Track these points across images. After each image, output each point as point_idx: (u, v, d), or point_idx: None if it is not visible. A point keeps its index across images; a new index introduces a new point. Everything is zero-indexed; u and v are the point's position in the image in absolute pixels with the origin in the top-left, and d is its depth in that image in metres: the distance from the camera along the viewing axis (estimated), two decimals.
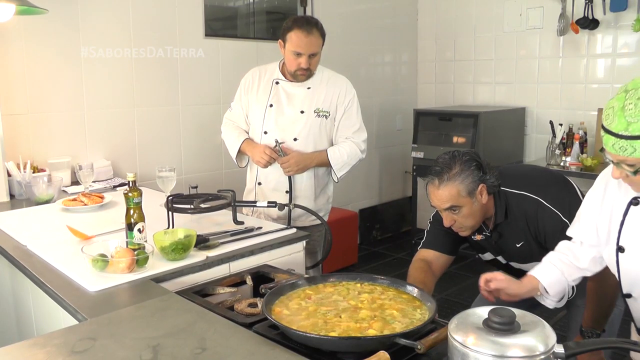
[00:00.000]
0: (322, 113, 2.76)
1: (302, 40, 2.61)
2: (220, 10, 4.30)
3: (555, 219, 1.93)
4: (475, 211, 1.95)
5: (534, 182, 2.04)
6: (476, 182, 1.91)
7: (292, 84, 2.76)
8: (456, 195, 1.91)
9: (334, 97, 2.78)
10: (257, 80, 2.82)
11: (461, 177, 1.90)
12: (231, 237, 2.15)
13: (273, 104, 2.76)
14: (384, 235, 5.61)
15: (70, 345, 1.34)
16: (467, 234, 2.04)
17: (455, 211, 1.94)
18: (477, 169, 1.93)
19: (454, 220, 1.98)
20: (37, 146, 3.24)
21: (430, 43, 5.56)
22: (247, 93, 2.82)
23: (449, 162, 1.94)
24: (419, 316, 1.45)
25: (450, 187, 1.91)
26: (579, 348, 1.21)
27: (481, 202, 1.94)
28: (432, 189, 1.96)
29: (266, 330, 1.42)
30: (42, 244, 2.13)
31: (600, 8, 4.26)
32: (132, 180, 1.96)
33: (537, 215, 1.95)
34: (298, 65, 2.65)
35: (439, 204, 1.96)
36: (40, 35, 3.21)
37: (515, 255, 2.09)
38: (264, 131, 2.76)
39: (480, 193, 1.93)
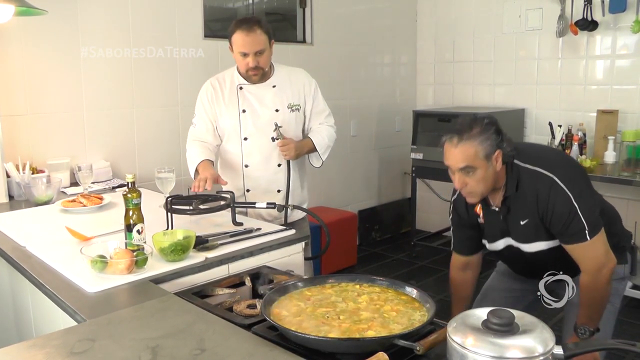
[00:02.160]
0: (295, 107, 2.81)
1: (245, 40, 2.62)
2: (219, 11, 4.30)
3: (566, 201, 1.89)
4: (488, 177, 1.92)
5: (550, 160, 2.00)
6: (494, 147, 1.90)
7: (256, 87, 2.76)
8: (473, 156, 1.88)
9: (300, 90, 2.83)
10: (219, 90, 2.78)
11: (480, 138, 1.88)
12: (230, 238, 2.15)
13: (246, 109, 2.75)
14: (383, 236, 5.62)
15: (70, 346, 1.34)
16: (474, 200, 2.01)
17: (469, 173, 1.92)
18: (496, 134, 1.92)
19: (466, 184, 1.95)
20: (36, 147, 3.24)
21: (429, 44, 5.56)
22: (213, 105, 2.77)
23: (470, 122, 1.93)
24: (418, 317, 1.45)
25: (468, 146, 1.89)
26: (577, 349, 1.21)
27: (495, 168, 1.92)
28: (449, 148, 1.95)
29: (265, 332, 1.42)
30: (41, 245, 2.13)
31: (599, 9, 4.26)
32: (131, 181, 1.96)
33: (549, 194, 1.91)
34: (246, 65, 2.66)
35: (454, 163, 1.93)
36: (40, 36, 3.21)
37: (520, 235, 2.06)
38: (243, 137, 2.76)
39: (496, 159, 1.91)
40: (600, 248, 1.91)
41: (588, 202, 1.91)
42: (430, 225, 5.55)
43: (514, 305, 2.28)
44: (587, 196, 1.92)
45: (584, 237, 1.88)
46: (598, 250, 1.90)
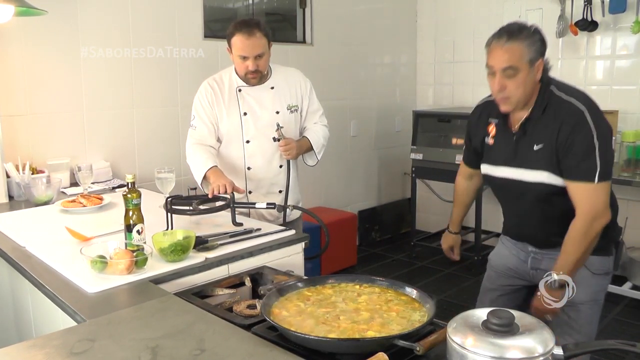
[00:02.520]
0: (293, 108, 2.83)
1: (245, 44, 2.60)
2: (219, 11, 4.31)
3: (589, 136, 1.89)
4: (527, 84, 1.93)
5: (585, 97, 2.00)
6: (539, 53, 1.93)
7: (255, 88, 2.75)
8: (519, 57, 1.90)
9: (297, 90, 2.85)
10: (219, 91, 2.75)
11: (528, 41, 1.91)
12: (230, 239, 2.15)
13: (247, 112, 2.74)
14: (383, 237, 5.62)
15: (69, 346, 1.34)
16: (508, 108, 1.99)
17: (510, 76, 1.92)
18: (542, 43, 1.95)
19: (505, 87, 1.94)
20: (36, 147, 3.24)
21: (429, 44, 5.57)
22: (214, 106, 2.74)
23: (519, 26, 1.95)
24: (418, 317, 1.45)
25: (516, 46, 1.90)
26: (577, 350, 1.21)
27: (535, 77, 1.94)
28: (496, 46, 1.94)
29: (265, 332, 1.42)
30: (41, 245, 2.13)
31: (599, 10, 4.26)
32: (131, 182, 1.96)
33: (575, 125, 1.91)
34: (246, 68, 2.65)
35: (499, 62, 1.93)
36: (40, 36, 3.21)
37: (526, 160, 2.03)
38: (246, 140, 2.75)
39: (537, 67, 1.93)
40: (603, 196, 1.91)
41: (607, 148, 1.91)
42: (430, 226, 5.55)
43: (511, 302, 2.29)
44: (608, 143, 1.91)
45: (592, 178, 1.88)
46: (600, 197, 1.90)
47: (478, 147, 2.25)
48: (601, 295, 2.15)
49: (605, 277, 2.14)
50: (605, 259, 2.10)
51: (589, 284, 2.06)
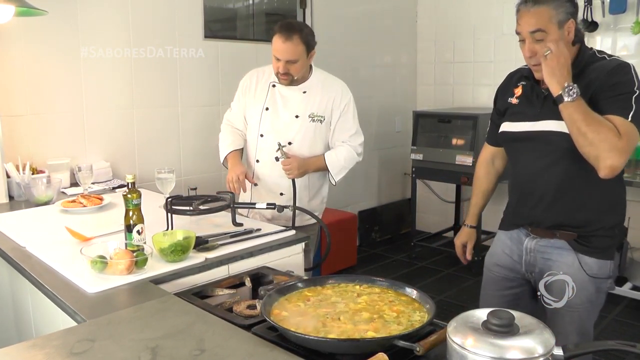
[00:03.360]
0: (317, 118, 2.77)
1: (280, 46, 2.63)
2: (219, 11, 4.31)
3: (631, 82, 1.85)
4: None
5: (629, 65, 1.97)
6: (567, 15, 1.90)
7: (287, 88, 2.77)
8: (547, 20, 1.88)
9: (329, 102, 2.79)
10: (255, 82, 2.85)
11: (555, 3, 1.89)
12: (230, 239, 2.15)
13: (269, 107, 2.79)
14: (383, 237, 5.62)
15: (69, 346, 1.34)
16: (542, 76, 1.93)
17: (539, 40, 1.90)
18: (571, 3, 1.93)
19: (535, 52, 1.92)
20: (36, 147, 3.24)
21: (429, 45, 5.57)
22: (245, 95, 2.87)
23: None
24: (418, 318, 1.45)
25: (543, 9, 1.89)
26: (578, 350, 1.21)
27: (567, 39, 1.91)
28: (523, 11, 1.94)
29: (265, 332, 1.42)
30: (41, 245, 2.13)
31: (599, 10, 4.26)
32: (131, 182, 1.96)
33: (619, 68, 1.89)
34: (277, 69, 2.69)
35: (526, 26, 1.92)
36: (40, 36, 3.21)
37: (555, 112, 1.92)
38: (260, 134, 2.81)
39: (568, 29, 1.91)
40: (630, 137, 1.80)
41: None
42: (430, 226, 5.55)
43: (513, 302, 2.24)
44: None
45: (626, 115, 1.81)
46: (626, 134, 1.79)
47: (501, 111, 2.21)
48: (599, 298, 2.07)
49: (604, 281, 2.05)
50: (605, 262, 2.02)
51: (585, 287, 2.00)
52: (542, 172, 2.04)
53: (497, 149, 2.33)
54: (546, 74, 1.86)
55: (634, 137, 1.82)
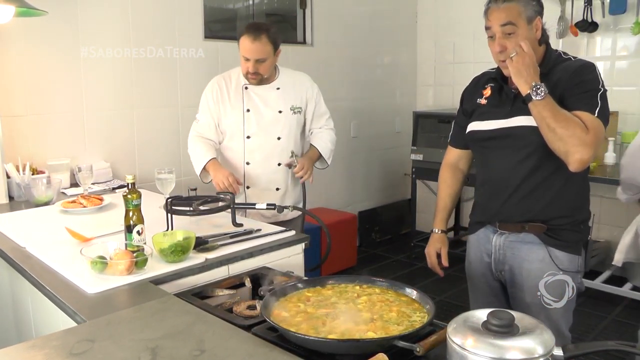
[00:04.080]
0: (297, 110, 2.92)
1: (248, 46, 2.71)
2: (219, 12, 4.31)
3: (595, 81, 1.92)
4: (529, 39, 1.94)
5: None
6: (535, 12, 1.97)
7: (261, 87, 2.86)
8: (517, 14, 1.94)
9: (302, 93, 2.95)
10: (225, 88, 2.88)
11: (524, 1, 1.95)
12: (230, 239, 2.15)
13: (250, 109, 2.85)
14: (383, 237, 5.62)
15: (69, 347, 1.34)
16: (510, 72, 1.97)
17: (509, 35, 1.95)
18: (537, 2, 1.99)
19: (505, 47, 1.96)
20: (36, 148, 3.24)
21: (429, 45, 5.57)
22: (218, 102, 2.88)
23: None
24: (418, 318, 1.45)
25: (512, 5, 1.94)
26: (577, 351, 1.21)
27: (535, 36, 1.97)
28: (493, 8, 2.00)
29: (265, 333, 1.42)
30: (41, 245, 2.13)
31: (599, 11, 4.27)
32: (131, 182, 1.96)
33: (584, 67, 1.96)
34: (246, 69, 2.77)
35: (496, 21, 1.97)
36: (40, 36, 3.21)
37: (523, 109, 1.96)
38: (246, 136, 2.85)
39: (536, 26, 1.97)
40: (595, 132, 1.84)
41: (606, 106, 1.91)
42: (430, 227, 5.50)
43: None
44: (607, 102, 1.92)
45: (591, 110, 1.87)
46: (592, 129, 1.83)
47: (468, 112, 2.23)
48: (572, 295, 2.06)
49: (575, 276, 2.05)
50: (573, 257, 2.04)
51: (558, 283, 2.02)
52: (514, 168, 2.05)
53: (462, 151, 2.34)
54: (513, 74, 1.91)
55: (600, 132, 1.87)
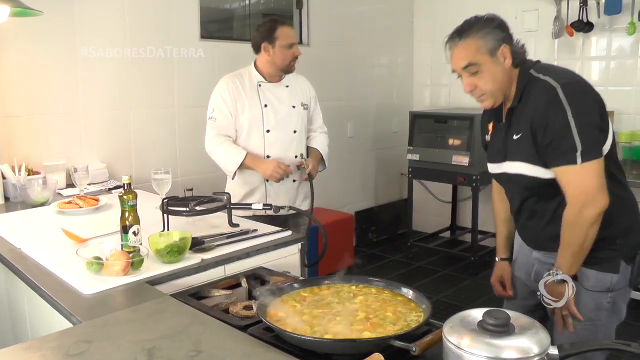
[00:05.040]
0: (306, 106, 3.09)
1: (291, 32, 2.94)
2: (216, 12, 4.31)
3: (562, 115, 1.72)
4: (497, 74, 1.83)
5: (564, 74, 1.85)
6: (498, 41, 1.83)
7: (273, 85, 3.00)
8: (475, 52, 1.82)
9: (306, 92, 3.12)
10: (240, 86, 2.95)
11: (481, 33, 1.83)
12: (227, 240, 2.15)
13: (267, 104, 2.94)
14: (380, 238, 5.62)
15: (66, 348, 1.34)
16: (488, 104, 1.90)
17: (475, 73, 1.84)
18: (500, 30, 1.86)
19: (475, 86, 1.87)
20: (33, 149, 3.23)
21: (426, 45, 5.57)
22: (235, 99, 2.93)
23: (471, 21, 1.90)
24: (414, 318, 1.45)
25: (469, 42, 1.84)
26: (573, 350, 1.21)
27: (504, 65, 1.83)
28: (452, 49, 1.89)
29: (261, 333, 1.42)
30: (37, 247, 2.13)
31: (595, 11, 4.27)
32: (127, 183, 1.95)
33: (548, 105, 1.76)
34: (293, 55, 2.92)
35: (458, 62, 1.87)
36: (36, 37, 3.21)
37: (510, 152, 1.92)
38: (266, 130, 2.94)
39: (503, 55, 1.83)
40: (592, 179, 1.71)
41: (590, 124, 1.73)
42: (427, 227, 5.55)
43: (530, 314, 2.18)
44: (590, 119, 1.73)
45: (573, 159, 1.70)
46: (588, 179, 1.71)
47: (485, 146, 2.16)
48: (600, 315, 1.90)
49: (603, 295, 1.88)
50: (604, 275, 1.87)
51: (583, 302, 1.88)
52: (524, 207, 1.99)
53: None
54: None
55: (596, 173, 1.73)
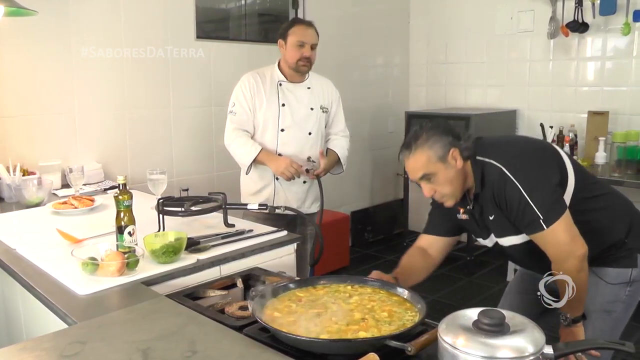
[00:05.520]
0: (325, 109, 3.11)
1: (305, 31, 2.93)
2: (212, 12, 4.30)
3: (515, 191, 1.82)
4: (451, 177, 1.89)
5: (503, 150, 1.95)
6: (446, 147, 1.88)
7: (293, 85, 3.01)
8: (426, 162, 1.88)
9: (328, 95, 3.13)
10: (261, 83, 2.98)
11: (428, 143, 1.88)
12: (222, 240, 2.14)
13: (285, 104, 2.97)
14: (376, 238, 5.62)
15: (60, 349, 1.33)
16: (451, 203, 1.96)
17: (430, 180, 1.90)
18: (445, 135, 1.89)
19: (434, 190, 1.93)
20: (27, 149, 3.22)
21: (422, 45, 5.58)
22: (254, 95, 2.96)
23: (415, 133, 1.92)
24: (410, 318, 1.46)
25: (419, 154, 1.89)
26: (568, 349, 1.22)
27: (456, 167, 1.89)
28: (405, 162, 1.95)
29: (257, 333, 1.42)
30: (31, 247, 2.12)
31: (590, 12, 4.29)
32: (122, 183, 1.95)
33: (500, 185, 1.86)
34: (301, 54, 2.91)
35: (413, 174, 1.93)
36: (31, 36, 3.20)
37: (494, 230, 2.01)
38: (281, 129, 2.97)
39: (453, 158, 1.88)
40: (562, 236, 1.81)
41: (541, 189, 1.83)
42: (422, 227, 5.52)
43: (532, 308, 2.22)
44: (542, 185, 1.84)
45: (540, 227, 1.81)
46: (559, 238, 1.81)
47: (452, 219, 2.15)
48: (616, 307, 2.01)
49: (622, 287, 1.99)
50: (622, 270, 1.99)
51: (601, 292, 1.98)
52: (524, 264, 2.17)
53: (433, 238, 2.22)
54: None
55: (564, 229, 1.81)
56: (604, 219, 1.99)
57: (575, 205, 1.87)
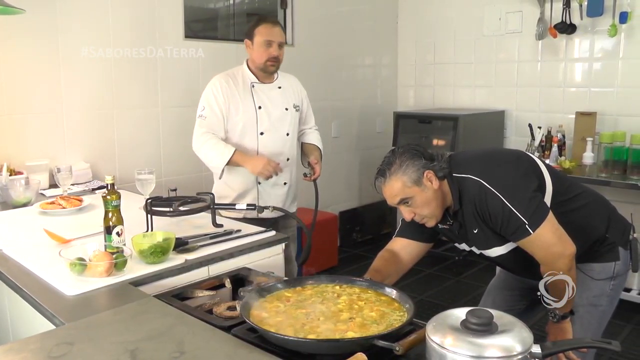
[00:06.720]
0: (297, 107, 3.05)
1: (271, 30, 2.85)
2: (200, 11, 4.29)
3: (497, 201, 1.85)
4: (428, 199, 1.91)
5: (477, 163, 1.98)
6: (419, 170, 1.89)
7: (265, 86, 2.95)
8: (402, 188, 1.89)
9: (298, 92, 3.09)
10: (234, 85, 2.89)
11: (402, 169, 1.89)
12: (210, 240, 2.14)
13: (261, 106, 2.91)
14: (364, 237, 5.63)
15: (47, 350, 1.33)
16: (432, 223, 1.99)
17: (408, 203, 1.92)
18: (418, 157, 1.91)
19: (413, 213, 1.95)
20: (15, 148, 3.20)
21: (410, 46, 5.59)
22: (228, 100, 2.85)
23: (389, 158, 1.94)
24: (398, 318, 1.46)
25: (393, 181, 1.90)
26: (555, 348, 1.22)
27: (432, 188, 1.90)
28: (381, 188, 1.96)
29: (245, 334, 1.42)
30: (18, 247, 2.11)
31: (577, 13, 4.32)
32: (110, 183, 1.94)
33: (482, 198, 1.88)
34: (269, 54, 2.84)
35: (390, 200, 1.95)
36: (18, 35, 3.17)
37: (478, 243, 2.04)
38: (260, 132, 2.90)
39: (428, 180, 1.89)
40: (549, 238, 1.84)
41: (522, 196, 1.86)
42: None
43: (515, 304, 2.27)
44: (520, 192, 1.86)
45: (526, 232, 1.83)
46: (547, 241, 1.84)
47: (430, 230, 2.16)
48: (603, 301, 2.07)
49: (607, 282, 2.06)
50: (606, 265, 2.05)
51: (587, 287, 2.04)
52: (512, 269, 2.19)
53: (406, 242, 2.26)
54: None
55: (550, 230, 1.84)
56: (584, 218, 2.04)
57: (556, 208, 1.90)
